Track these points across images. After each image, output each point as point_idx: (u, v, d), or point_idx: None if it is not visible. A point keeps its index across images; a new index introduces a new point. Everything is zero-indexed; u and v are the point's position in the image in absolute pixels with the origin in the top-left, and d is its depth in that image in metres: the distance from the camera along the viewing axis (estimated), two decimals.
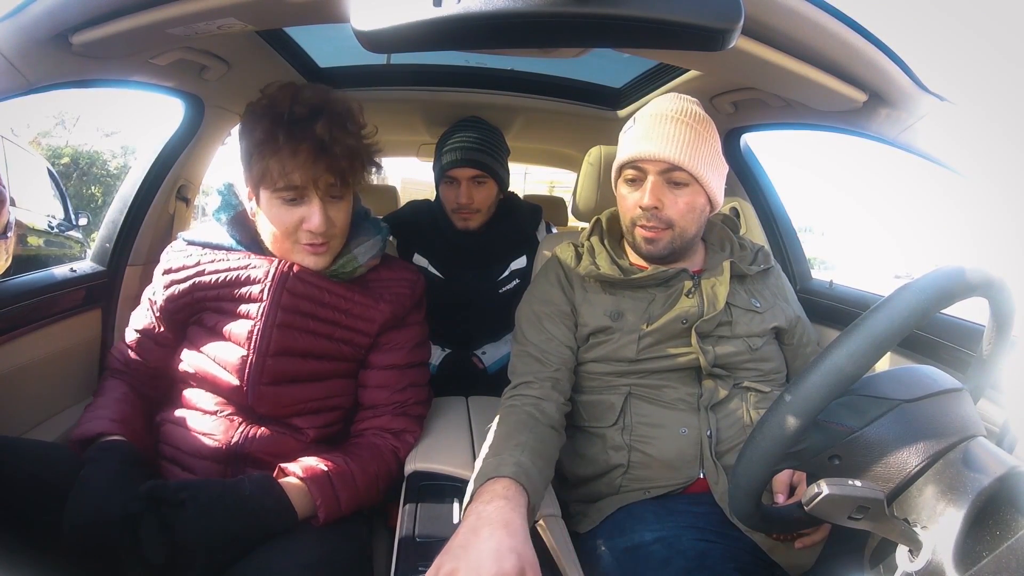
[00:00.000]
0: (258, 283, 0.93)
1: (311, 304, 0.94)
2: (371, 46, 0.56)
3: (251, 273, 0.94)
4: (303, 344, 0.93)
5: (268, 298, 0.92)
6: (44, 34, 0.79)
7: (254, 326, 0.91)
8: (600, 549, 0.86)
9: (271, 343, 0.91)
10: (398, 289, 1.01)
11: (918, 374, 0.59)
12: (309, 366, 0.94)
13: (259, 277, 0.93)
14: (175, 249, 1.00)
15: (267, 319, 0.91)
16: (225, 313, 0.94)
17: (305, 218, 0.90)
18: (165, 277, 0.97)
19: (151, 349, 0.99)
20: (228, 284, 0.94)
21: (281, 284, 0.92)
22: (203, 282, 0.94)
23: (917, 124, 0.92)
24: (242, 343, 0.92)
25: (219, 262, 0.96)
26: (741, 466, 0.58)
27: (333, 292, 0.95)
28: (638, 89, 1.67)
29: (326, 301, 0.95)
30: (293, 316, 0.92)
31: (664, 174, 0.93)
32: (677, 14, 0.53)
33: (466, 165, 1.40)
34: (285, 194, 0.88)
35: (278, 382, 0.92)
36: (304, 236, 0.91)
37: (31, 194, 4.29)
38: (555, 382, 0.92)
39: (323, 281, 0.95)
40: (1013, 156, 0.81)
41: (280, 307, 0.92)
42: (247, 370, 0.91)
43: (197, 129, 1.38)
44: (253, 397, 0.91)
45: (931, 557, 0.49)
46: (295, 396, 0.93)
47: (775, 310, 1.01)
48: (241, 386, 0.91)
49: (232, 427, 0.91)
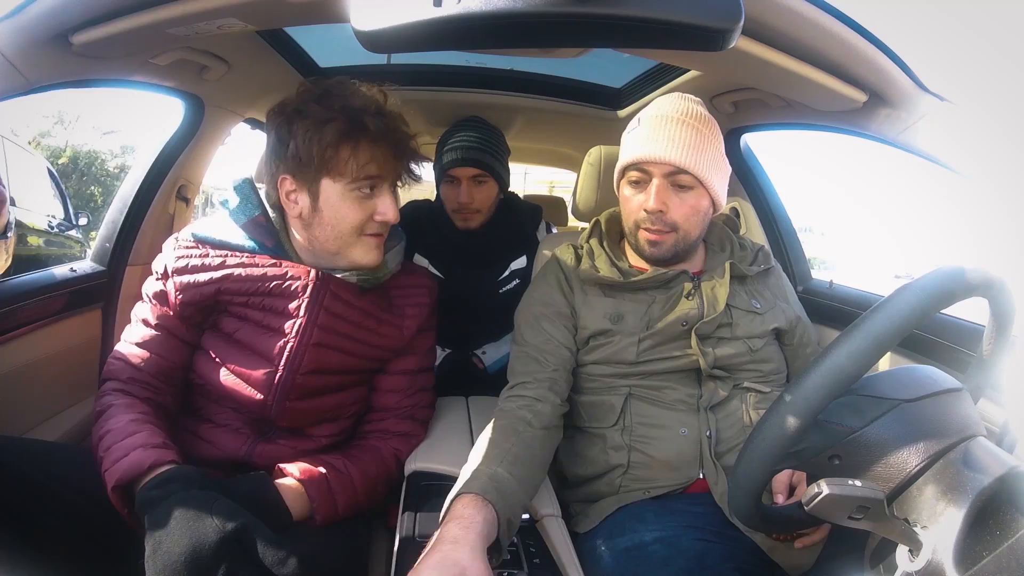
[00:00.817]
0: (295, 297, 0.89)
1: (345, 324, 0.92)
2: (371, 46, 0.56)
3: (287, 284, 0.89)
4: (334, 362, 0.92)
5: (305, 315, 0.89)
6: (44, 34, 0.79)
7: (287, 343, 0.88)
8: (600, 549, 0.86)
9: (304, 361, 0.89)
10: (419, 299, 1.01)
11: (918, 374, 0.59)
12: (335, 380, 0.93)
13: (296, 291, 0.89)
14: (184, 246, 0.92)
15: (302, 337, 0.88)
16: (249, 321, 0.89)
17: (377, 211, 0.88)
18: (179, 278, 0.89)
19: (158, 352, 0.90)
20: (259, 293, 0.89)
21: (319, 302, 0.90)
22: (230, 287, 0.88)
23: (917, 124, 0.92)
24: (272, 358, 0.88)
25: (249, 267, 0.90)
26: (741, 466, 0.58)
27: (363, 309, 0.94)
28: (638, 89, 1.67)
29: (357, 320, 0.93)
30: (328, 335, 0.90)
31: (669, 177, 0.93)
32: (677, 14, 0.53)
33: (467, 164, 1.40)
34: (363, 184, 0.87)
35: (304, 397, 0.91)
36: (374, 227, 0.90)
37: (31, 194, 4.29)
38: (552, 383, 0.92)
39: (356, 298, 0.94)
40: (1013, 156, 0.81)
41: (317, 325, 0.89)
42: (275, 387, 0.88)
43: (197, 129, 1.38)
44: (277, 412, 0.89)
45: (931, 557, 0.49)
46: (317, 407, 0.93)
47: (775, 311, 1.01)
48: (265, 401, 0.88)
49: (241, 441, 0.90)
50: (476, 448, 0.81)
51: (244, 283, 0.88)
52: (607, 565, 0.83)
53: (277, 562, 0.70)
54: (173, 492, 0.72)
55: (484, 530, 0.64)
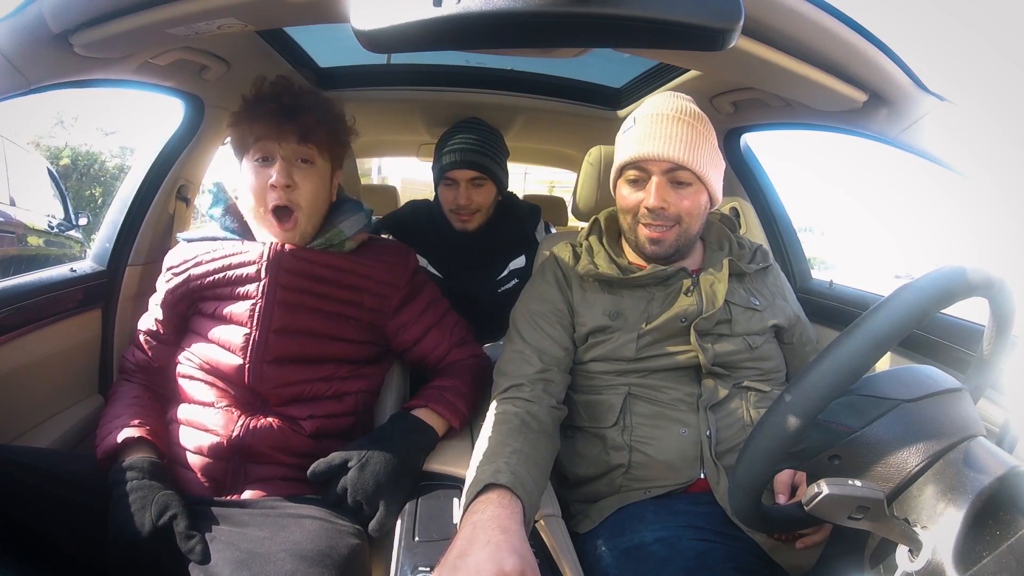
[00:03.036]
0: (253, 264, 0.97)
1: (307, 280, 0.98)
2: (371, 46, 0.56)
3: (245, 256, 0.99)
4: (306, 322, 0.97)
5: (266, 276, 0.97)
6: (44, 34, 0.79)
7: (255, 305, 0.96)
8: (600, 549, 0.85)
9: (273, 320, 0.95)
10: (391, 258, 1.07)
11: (918, 374, 0.59)
12: (311, 346, 0.98)
13: (253, 258, 0.98)
14: (175, 250, 1.07)
15: (267, 296, 0.96)
16: (223, 298, 0.98)
17: (271, 177, 0.95)
18: (166, 274, 1.04)
19: (157, 346, 1.03)
20: (223, 269, 0.98)
21: (276, 262, 0.97)
22: (198, 272, 1.00)
23: (917, 124, 0.92)
24: (244, 322, 0.95)
25: (214, 251, 1.01)
26: (741, 466, 0.58)
27: (329, 265, 1.00)
28: (638, 89, 1.67)
29: (322, 275, 0.99)
30: (292, 293, 0.97)
31: (668, 174, 0.93)
32: (677, 14, 0.53)
33: (465, 167, 1.40)
34: (256, 153, 0.96)
35: (281, 361, 0.95)
36: (271, 197, 0.96)
37: (31, 194, 4.29)
38: (547, 384, 0.92)
39: (317, 255, 1.00)
40: (1013, 156, 0.81)
41: (279, 285, 0.97)
42: (250, 347, 0.94)
43: (197, 129, 1.38)
44: (254, 376, 0.93)
45: (931, 557, 0.49)
46: (295, 377, 0.95)
47: (774, 308, 1.01)
48: (244, 364, 0.93)
49: (232, 420, 0.92)
50: (485, 447, 0.80)
51: (210, 264, 0.99)
52: (607, 565, 0.83)
53: (192, 551, 0.77)
54: (128, 480, 0.82)
55: (524, 522, 0.66)
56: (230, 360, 0.94)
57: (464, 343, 1.12)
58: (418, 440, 0.94)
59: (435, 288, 1.14)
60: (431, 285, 1.13)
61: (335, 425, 0.98)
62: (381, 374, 1.08)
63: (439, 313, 1.11)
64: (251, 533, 0.80)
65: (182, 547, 0.77)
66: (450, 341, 1.10)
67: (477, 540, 0.60)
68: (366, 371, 1.04)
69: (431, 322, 1.09)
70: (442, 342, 1.09)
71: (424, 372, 1.12)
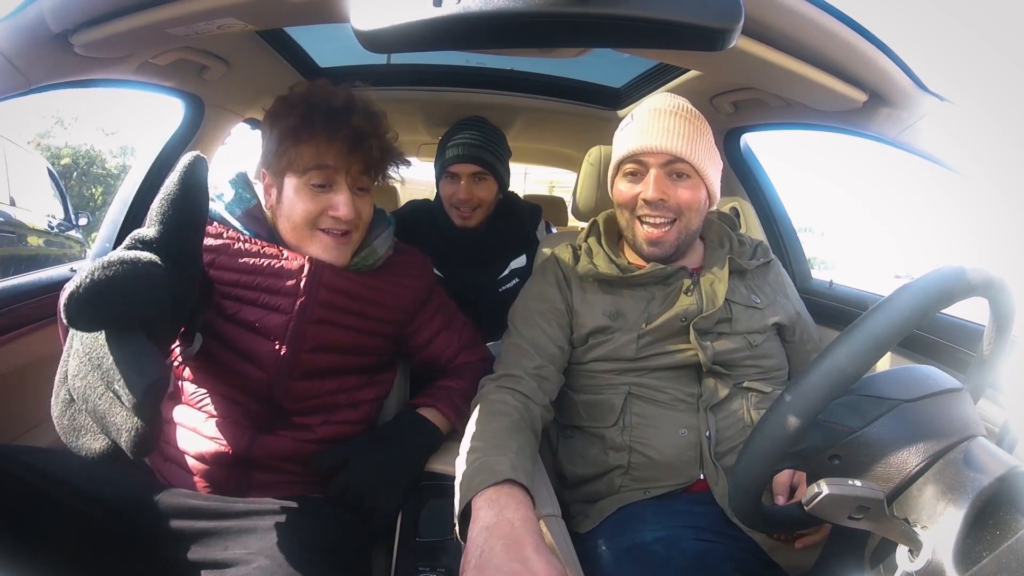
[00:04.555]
0: (291, 276, 0.91)
1: (346, 299, 0.94)
2: (371, 46, 0.56)
3: (284, 264, 0.92)
4: (336, 338, 0.94)
5: (304, 294, 0.91)
6: (44, 34, 0.79)
7: (288, 320, 0.90)
8: (600, 549, 0.86)
9: (307, 339, 0.91)
10: (412, 270, 1.06)
11: (918, 374, 0.59)
12: (338, 360, 0.95)
13: (292, 270, 0.92)
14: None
15: (302, 314, 0.91)
16: (248, 303, 0.91)
17: (331, 206, 0.90)
18: None
19: None
20: (255, 271, 0.91)
21: (317, 279, 0.92)
22: (224, 262, 0.91)
23: (917, 124, 0.92)
24: (275, 337, 0.90)
25: (244, 246, 0.93)
26: (741, 466, 0.58)
27: (362, 284, 0.97)
28: (638, 89, 1.67)
29: (358, 294, 0.96)
30: (329, 312, 0.93)
31: (666, 167, 0.94)
32: (677, 14, 0.53)
33: (468, 161, 1.41)
34: (315, 178, 0.89)
35: (307, 376, 0.92)
36: (327, 222, 0.91)
37: (31, 194, 4.28)
38: (542, 381, 0.92)
39: (352, 275, 0.96)
40: (1013, 156, 0.81)
41: (317, 303, 0.92)
42: (279, 363, 0.90)
43: (197, 129, 1.38)
44: (279, 391, 0.90)
45: (931, 557, 0.49)
46: (319, 389, 0.94)
47: (775, 305, 1.01)
48: (268, 378, 0.90)
49: (242, 435, 0.89)
50: (488, 437, 0.80)
51: (242, 259, 0.92)
52: (607, 565, 0.83)
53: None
54: None
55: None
56: (253, 372, 0.90)
57: (474, 345, 1.11)
58: (422, 439, 0.94)
59: (443, 290, 1.13)
60: (440, 287, 1.13)
61: (348, 432, 0.97)
62: (392, 378, 1.07)
63: (449, 315, 1.10)
64: (252, 530, 0.80)
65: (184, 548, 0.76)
66: (460, 343, 1.09)
67: (527, 543, 0.60)
68: (380, 378, 1.03)
69: (442, 324, 1.08)
70: (452, 344, 1.08)
71: (429, 371, 1.11)
